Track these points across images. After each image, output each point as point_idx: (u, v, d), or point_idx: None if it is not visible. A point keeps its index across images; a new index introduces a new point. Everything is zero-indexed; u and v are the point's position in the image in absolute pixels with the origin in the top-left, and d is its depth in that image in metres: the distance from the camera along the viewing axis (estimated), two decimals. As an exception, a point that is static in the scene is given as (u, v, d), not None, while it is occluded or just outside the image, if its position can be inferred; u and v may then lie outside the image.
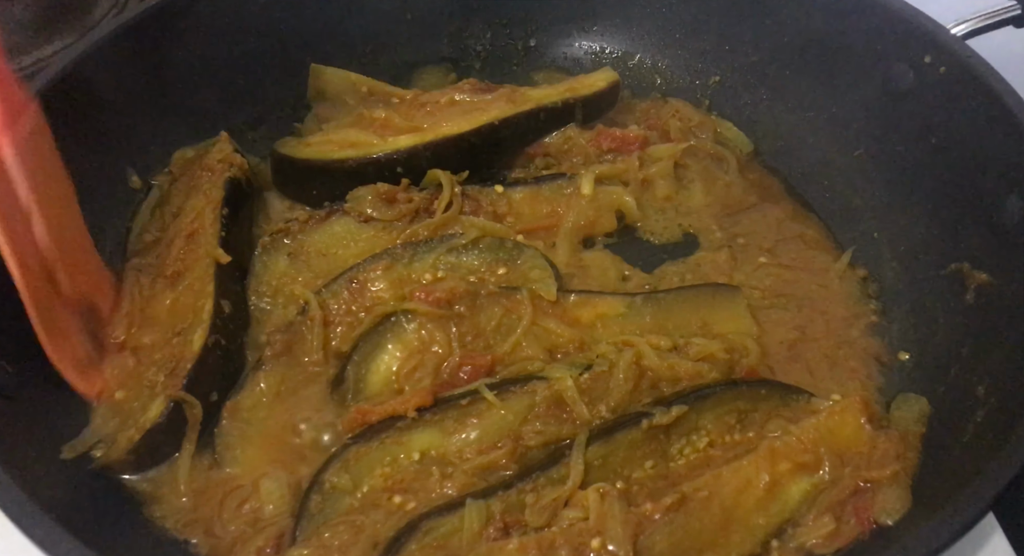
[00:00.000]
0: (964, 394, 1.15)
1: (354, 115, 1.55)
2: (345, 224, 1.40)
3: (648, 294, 1.32)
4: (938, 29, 1.36)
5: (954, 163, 1.32)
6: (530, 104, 1.52)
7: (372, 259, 1.33)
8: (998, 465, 0.94)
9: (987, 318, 1.21)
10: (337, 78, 1.61)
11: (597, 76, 1.60)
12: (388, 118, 1.51)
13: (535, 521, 1.05)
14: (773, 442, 1.11)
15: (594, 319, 1.29)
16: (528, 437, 1.14)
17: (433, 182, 1.44)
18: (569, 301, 1.30)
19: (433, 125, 1.48)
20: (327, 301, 1.30)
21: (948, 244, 1.31)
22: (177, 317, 1.27)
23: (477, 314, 1.27)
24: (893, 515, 1.07)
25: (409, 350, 1.24)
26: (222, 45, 1.54)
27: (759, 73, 1.64)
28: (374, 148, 1.45)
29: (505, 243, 1.36)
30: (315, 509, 1.10)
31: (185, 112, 1.53)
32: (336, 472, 1.11)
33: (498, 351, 1.24)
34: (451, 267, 1.34)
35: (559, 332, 1.27)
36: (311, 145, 1.48)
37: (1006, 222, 1.21)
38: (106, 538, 1.01)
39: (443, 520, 1.05)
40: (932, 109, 1.36)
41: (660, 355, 1.21)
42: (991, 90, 1.25)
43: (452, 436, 1.15)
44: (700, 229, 1.49)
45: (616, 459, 1.12)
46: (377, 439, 1.13)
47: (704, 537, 1.05)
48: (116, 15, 1.79)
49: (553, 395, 1.17)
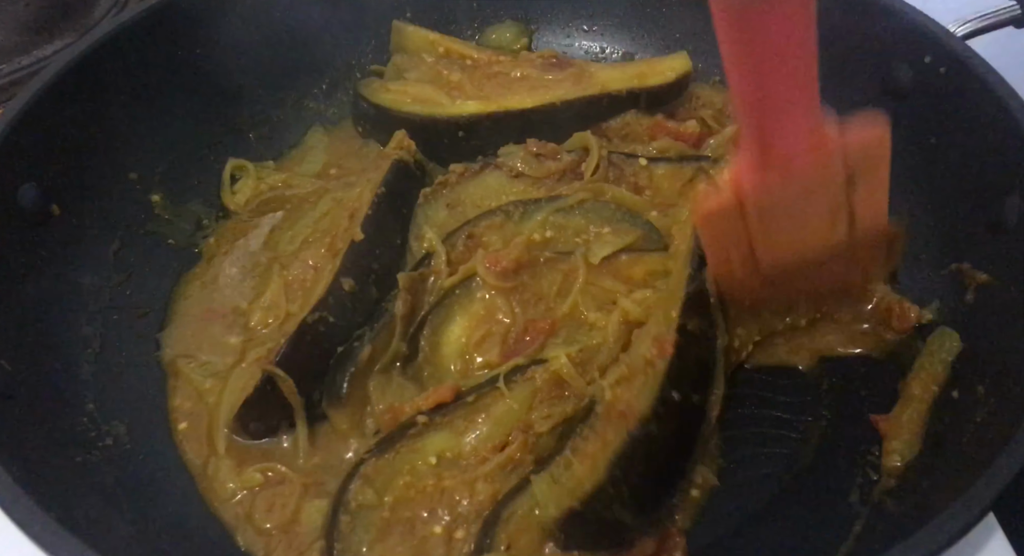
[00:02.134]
0: (964, 394, 1.15)
1: (433, 71, 1.63)
2: (497, 177, 1.47)
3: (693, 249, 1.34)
4: (938, 29, 1.35)
5: (954, 163, 1.32)
6: (596, 88, 1.55)
7: (487, 215, 1.40)
8: (998, 465, 0.94)
9: (987, 318, 1.21)
10: (417, 36, 1.67)
11: (668, 63, 1.59)
12: (461, 83, 1.59)
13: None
14: None
15: (645, 275, 1.33)
16: (538, 423, 1.16)
17: (579, 146, 1.49)
18: (621, 260, 1.34)
19: (499, 97, 1.55)
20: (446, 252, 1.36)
21: (948, 244, 1.31)
22: (292, 289, 1.34)
23: (539, 280, 1.32)
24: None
25: (476, 320, 1.28)
26: (223, 44, 1.54)
27: (759, 73, 1.63)
28: (442, 108, 1.54)
29: (608, 205, 1.41)
30: (346, 529, 1.09)
31: (186, 112, 1.53)
32: (359, 489, 1.11)
33: (558, 313, 1.28)
34: (558, 227, 1.39)
35: (615, 290, 1.30)
36: (390, 91, 1.59)
37: (1006, 222, 1.21)
38: (107, 537, 1.01)
39: (518, 503, 1.07)
40: (932, 109, 1.36)
41: (641, 304, 1.25)
42: (991, 90, 1.25)
43: (464, 435, 1.15)
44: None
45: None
46: (392, 449, 1.13)
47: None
48: (116, 15, 1.79)
49: (552, 377, 1.19)
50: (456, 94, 1.57)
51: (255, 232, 1.49)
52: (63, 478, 1.08)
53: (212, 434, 1.24)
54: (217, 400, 1.26)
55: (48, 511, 0.91)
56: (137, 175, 1.46)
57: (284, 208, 1.52)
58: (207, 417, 1.27)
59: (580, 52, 1.77)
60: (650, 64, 1.61)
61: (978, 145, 1.28)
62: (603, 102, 1.54)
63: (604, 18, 1.76)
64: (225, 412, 1.24)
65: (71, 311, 1.30)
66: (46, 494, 0.96)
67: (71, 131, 1.34)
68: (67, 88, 1.33)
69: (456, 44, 1.67)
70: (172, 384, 1.31)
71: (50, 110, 1.30)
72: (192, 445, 1.25)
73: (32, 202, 1.27)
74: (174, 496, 1.18)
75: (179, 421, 1.27)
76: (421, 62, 1.65)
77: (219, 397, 1.26)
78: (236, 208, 1.52)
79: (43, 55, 1.73)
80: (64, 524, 0.91)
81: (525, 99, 1.53)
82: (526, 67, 1.61)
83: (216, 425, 1.25)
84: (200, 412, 1.28)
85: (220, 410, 1.25)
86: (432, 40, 1.67)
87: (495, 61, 1.64)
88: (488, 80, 1.60)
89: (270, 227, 1.49)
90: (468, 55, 1.66)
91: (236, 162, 1.56)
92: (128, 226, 1.42)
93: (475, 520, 1.10)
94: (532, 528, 1.07)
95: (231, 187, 1.55)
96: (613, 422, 1.09)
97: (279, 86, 1.64)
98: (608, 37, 1.76)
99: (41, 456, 1.08)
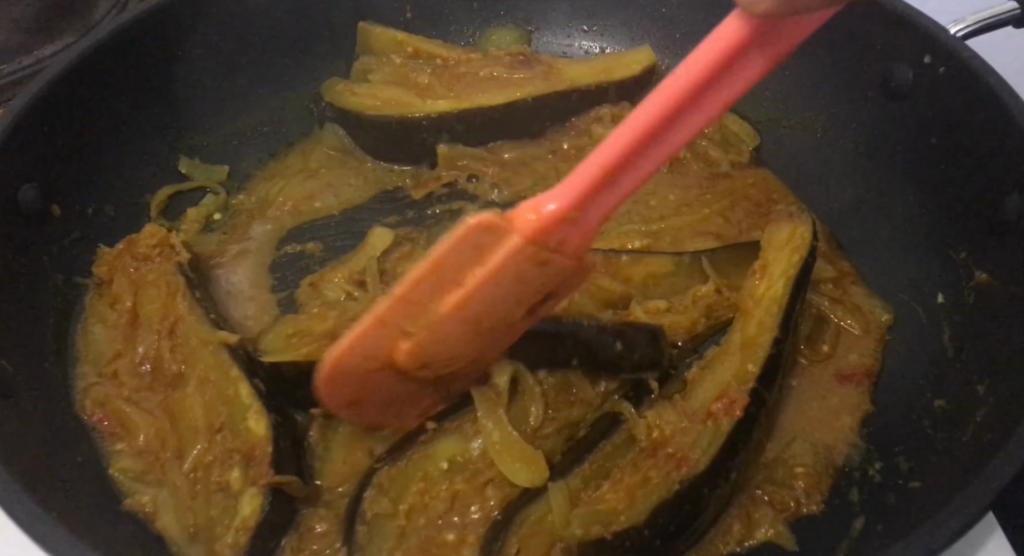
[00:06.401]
0: (964, 394, 1.15)
1: (399, 73, 1.61)
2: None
3: (696, 252, 1.34)
4: (938, 29, 1.35)
5: (954, 163, 1.32)
6: (564, 84, 1.57)
7: (393, 249, 1.39)
8: (998, 465, 0.94)
9: (987, 318, 1.21)
10: (385, 37, 1.65)
11: (634, 57, 1.62)
12: (430, 84, 1.58)
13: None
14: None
15: (645, 277, 1.33)
16: (543, 425, 1.16)
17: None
18: (621, 260, 1.33)
19: (469, 96, 1.55)
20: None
21: (948, 244, 1.31)
22: (212, 414, 1.16)
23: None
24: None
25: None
26: (224, 44, 1.54)
27: (759, 73, 1.63)
28: (414, 108, 1.53)
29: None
30: (364, 540, 1.08)
31: (187, 112, 1.53)
32: (374, 499, 1.10)
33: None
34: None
35: (611, 289, 1.30)
36: (356, 95, 1.56)
37: (1006, 221, 1.21)
38: (107, 537, 1.01)
39: (532, 509, 1.07)
40: (932, 109, 1.36)
41: (657, 316, 1.25)
42: (991, 90, 1.25)
43: (474, 440, 1.15)
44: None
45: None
46: (404, 457, 1.13)
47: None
48: (116, 15, 1.79)
49: (558, 381, 1.19)
50: (426, 94, 1.56)
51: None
52: (63, 478, 1.08)
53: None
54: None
55: (48, 511, 0.91)
56: (137, 175, 1.46)
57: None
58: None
59: (580, 52, 1.77)
60: (616, 58, 1.65)
61: (978, 145, 1.28)
62: (572, 97, 1.57)
63: (604, 18, 1.75)
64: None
65: (71, 311, 1.30)
66: (46, 494, 0.96)
67: (71, 131, 1.34)
68: (67, 88, 1.33)
69: (425, 43, 1.65)
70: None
71: (50, 110, 1.30)
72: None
73: (32, 202, 1.27)
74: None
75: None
76: (387, 63, 1.63)
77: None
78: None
79: (43, 55, 1.73)
80: (64, 524, 0.91)
81: (496, 96, 1.53)
82: (494, 66, 1.61)
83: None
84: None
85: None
86: (400, 40, 1.64)
87: (464, 60, 1.63)
88: (457, 81, 1.59)
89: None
90: (437, 54, 1.64)
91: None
92: (129, 226, 1.41)
93: (486, 525, 1.10)
94: (542, 534, 1.06)
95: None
96: (660, 464, 1.07)
97: (280, 86, 1.64)
98: (608, 37, 1.76)
99: (41, 456, 1.08)
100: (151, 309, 1.27)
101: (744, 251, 1.32)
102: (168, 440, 1.17)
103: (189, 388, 1.19)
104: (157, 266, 1.30)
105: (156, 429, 1.18)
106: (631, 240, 1.42)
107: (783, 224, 1.27)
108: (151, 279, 1.29)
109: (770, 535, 1.10)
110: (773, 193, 1.55)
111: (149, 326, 1.26)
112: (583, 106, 1.59)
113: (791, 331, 1.19)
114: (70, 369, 1.25)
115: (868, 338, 1.32)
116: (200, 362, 1.21)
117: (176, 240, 1.34)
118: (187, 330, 1.23)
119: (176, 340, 1.24)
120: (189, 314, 1.25)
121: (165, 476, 1.14)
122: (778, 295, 1.19)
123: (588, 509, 1.06)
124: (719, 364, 1.16)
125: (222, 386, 1.18)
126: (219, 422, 1.15)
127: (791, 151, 1.59)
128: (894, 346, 1.32)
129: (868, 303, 1.36)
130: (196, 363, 1.21)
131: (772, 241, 1.26)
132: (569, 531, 1.03)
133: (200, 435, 1.15)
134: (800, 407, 1.25)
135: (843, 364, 1.30)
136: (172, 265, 1.30)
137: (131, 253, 1.32)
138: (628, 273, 1.33)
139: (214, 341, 1.21)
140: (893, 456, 1.17)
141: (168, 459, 1.15)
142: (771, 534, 1.11)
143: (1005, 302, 1.19)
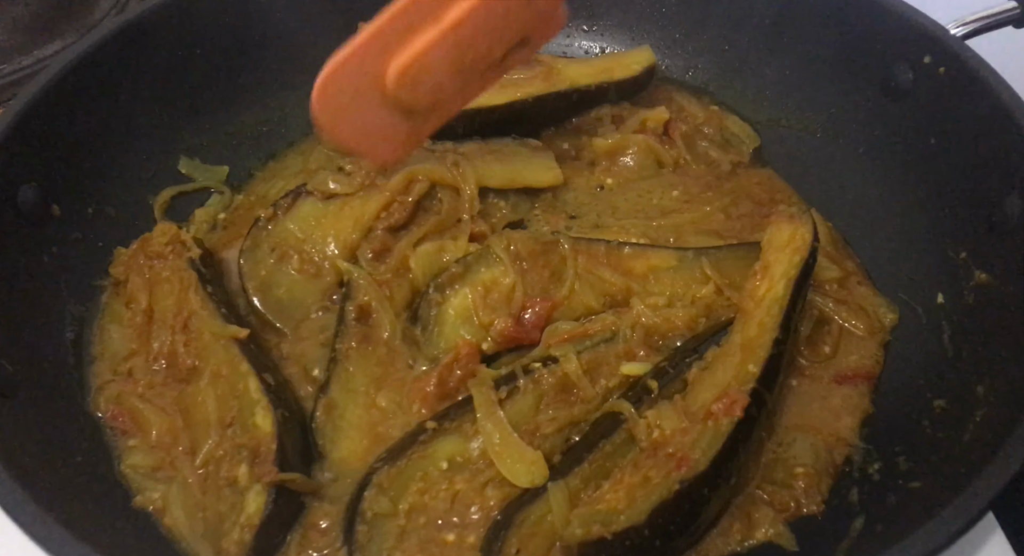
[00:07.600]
0: (964, 394, 1.15)
1: None
2: (312, 204, 1.38)
3: (699, 248, 1.34)
4: (938, 29, 1.35)
5: (954, 163, 1.32)
6: (564, 84, 1.56)
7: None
8: (998, 465, 0.94)
9: (987, 318, 1.21)
10: None
11: (634, 57, 1.62)
12: None
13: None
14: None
15: (647, 271, 1.33)
16: (544, 425, 1.16)
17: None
18: (623, 252, 1.33)
19: None
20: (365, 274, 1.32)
21: (948, 244, 1.31)
22: (223, 409, 1.18)
23: (539, 266, 1.32)
24: None
25: (483, 288, 1.29)
26: (224, 44, 1.54)
27: (759, 74, 1.64)
28: None
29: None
30: (364, 540, 1.09)
31: (187, 112, 1.53)
32: (374, 499, 1.10)
33: (556, 297, 1.28)
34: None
35: (612, 281, 1.31)
36: None
37: (1006, 222, 1.21)
38: (107, 537, 1.01)
39: (532, 508, 1.07)
40: (932, 109, 1.36)
41: (657, 312, 1.26)
42: (991, 90, 1.25)
43: (473, 440, 1.15)
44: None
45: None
46: (404, 457, 1.13)
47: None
48: (116, 15, 1.79)
49: (559, 381, 1.19)
50: None
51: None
52: (63, 478, 1.08)
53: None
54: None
55: (48, 511, 0.92)
56: (137, 176, 1.46)
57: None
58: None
59: (580, 52, 1.77)
60: (616, 58, 1.65)
61: (978, 145, 1.28)
62: (572, 97, 1.57)
63: (604, 18, 1.76)
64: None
65: (72, 312, 1.30)
66: (46, 494, 0.96)
67: (71, 131, 1.35)
68: (67, 88, 1.33)
69: None
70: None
71: (50, 110, 1.31)
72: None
73: (32, 202, 1.27)
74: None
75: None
76: None
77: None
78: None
79: (43, 55, 1.73)
80: (64, 524, 0.91)
81: (496, 97, 1.51)
82: None
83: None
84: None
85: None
86: None
87: None
88: None
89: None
90: None
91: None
92: (129, 226, 1.42)
93: (486, 525, 1.10)
94: (542, 533, 1.07)
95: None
96: (660, 464, 1.07)
97: (280, 86, 1.64)
98: (608, 37, 1.76)
99: (41, 456, 1.08)
100: (165, 305, 1.29)
101: (745, 252, 1.31)
102: (180, 435, 1.19)
103: (202, 382, 1.21)
104: (170, 263, 1.32)
105: (169, 425, 1.20)
106: (632, 235, 1.42)
107: (784, 225, 1.27)
108: (165, 276, 1.31)
109: (770, 535, 1.11)
110: (776, 192, 1.55)
111: (164, 322, 1.28)
112: (583, 106, 1.59)
113: (792, 332, 1.19)
114: (86, 368, 1.26)
115: (870, 340, 1.32)
116: (213, 356, 1.22)
117: (187, 236, 1.36)
118: (200, 324, 1.26)
119: (190, 334, 1.26)
120: (202, 308, 1.27)
121: (176, 471, 1.15)
122: (779, 296, 1.18)
123: (588, 509, 1.06)
124: (719, 364, 1.16)
125: (233, 380, 1.19)
126: (230, 417, 1.17)
127: (791, 151, 1.59)
128: (894, 346, 1.32)
129: (873, 304, 1.36)
130: (209, 357, 1.23)
131: (773, 242, 1.26)
132: (569, 531, 1.03)
133: (212, 430, 1.16)
134: (800, 407, 1.25)
135: (844, 365, 1.30)
136: (184, 261, 1.32)
137: (145, 252, 1.34)
138: (630, 266, 1.33)
139: (225, 335, 1.23)
140: (893, 456, 1.17)
141: (180, 454, 1.17)
142: (771, 534, 1.11)
143: (1005, 302, 1.19)
